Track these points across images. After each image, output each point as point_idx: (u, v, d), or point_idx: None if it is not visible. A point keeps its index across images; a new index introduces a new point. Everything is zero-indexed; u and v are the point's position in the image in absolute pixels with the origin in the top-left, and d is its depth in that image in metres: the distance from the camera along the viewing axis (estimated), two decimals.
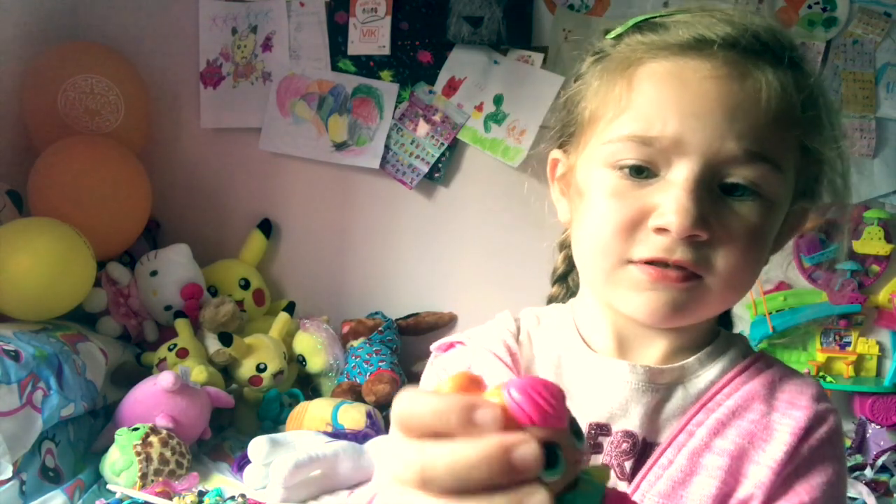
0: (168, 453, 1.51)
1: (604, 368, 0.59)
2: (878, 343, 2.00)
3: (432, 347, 0.67)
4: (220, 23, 2.19)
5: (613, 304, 0.57)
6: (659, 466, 0.55)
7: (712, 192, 0.52)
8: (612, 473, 0.56)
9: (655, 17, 0.57)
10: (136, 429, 1.53)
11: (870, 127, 1.93)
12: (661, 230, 0.52)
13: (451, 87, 2.09)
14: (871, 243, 1.94)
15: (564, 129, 0.63)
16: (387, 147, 2.12)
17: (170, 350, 1.82)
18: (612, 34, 0.60)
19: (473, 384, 0.34)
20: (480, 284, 2.16)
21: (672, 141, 0.52)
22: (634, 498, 0.54)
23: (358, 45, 2.11)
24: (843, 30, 1.94)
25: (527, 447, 0.30)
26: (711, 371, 0.59)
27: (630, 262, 0.54)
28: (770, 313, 1.96)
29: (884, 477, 1.64)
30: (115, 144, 1.95)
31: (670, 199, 0.52)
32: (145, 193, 2.01)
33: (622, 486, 0.56)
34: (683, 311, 0.54)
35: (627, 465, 0.56)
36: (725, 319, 0.68)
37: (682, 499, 0.54)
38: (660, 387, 0.58)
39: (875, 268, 1.98)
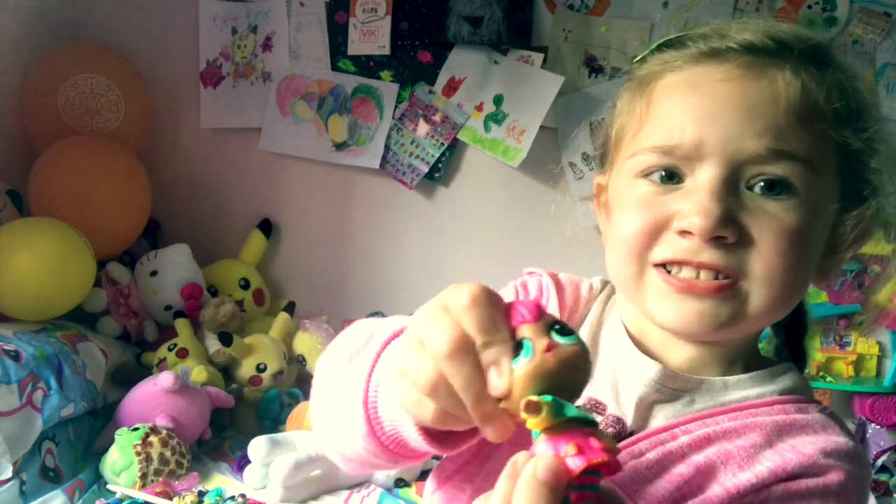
0: (168, 453, 1.51)
1: (625, 354, 0.59)
2: (878, 343, 2.00)
3: (525, 271, 0.70)
4: (220, 23, 2.19)
5: (646, 311, 0.56)
6: (628, 453, 0.55)
7: (740, 193, 0.52)
8: None
9: (678, 37, 0.58)
10: (136, 429, 1.53)
11: None
12: (684, 233, 0.52)
13: (451, 87, 2.09)
14: (872, 243, 1.93)
15: (601, 153, 0.65)
16: (387, 147, 2.12)
17: (170, 350, 1.82)
18: (638, 58, 0.61)
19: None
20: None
21: (692, 146, 0.52)
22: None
23: (358, 45, 2.11)
24: (843, 30, 1.94)
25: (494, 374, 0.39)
26: (732, 396, 0.57)
27: (653, 265, 0.54)
28: None
29: (884, 477, 1.65)
30: (115, 144, 1.95)
31: (693, 201, 0.51)
32: (145, 193, 2.01)
33: None
34: (725, 324, 0.53)
35: None
36: (797, 353, 0.65)
37: (636, 493, 0.53)
38: (666, 390, 0.57)
39: (875, 268, 1.98)
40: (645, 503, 0.53)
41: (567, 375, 0.39)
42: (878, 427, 1.84)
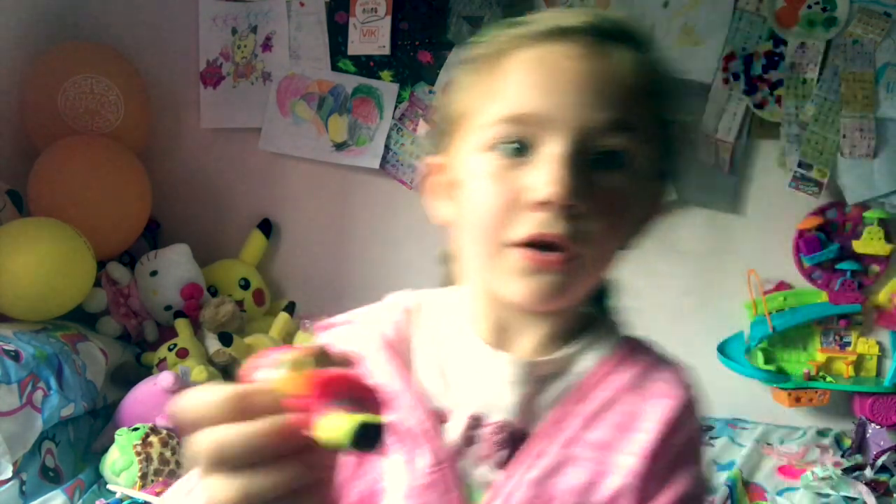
0: (168, 453, 1.51)
1: (484, 360, 0.60)
2: (878, 343, 2.00)
3: (315, 325, 0.69)
4: (220, 23, 2.19)
5: (496, 289, 0.57)
6: (530, 456, 0.57)
7: (585, 164, 0.54)
8: (490, 462, 0.58)
9: (520, 20, 0.60)
10: (136, 429, 1.53)
11: (870, 127, 1.93)
12: (538, 204, 0.53)
13: None
14: (871, 243, 1.94)
15: (438, 134, 0.65)
16: (387, 147, 2.12)
17: (170, 350, 1.82)
18: (479, 38, 0.62)
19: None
20: None
21: (542, 118, 0.54)
22: (507, 487, 0.56)
23: (358, 45, 2.11)
24: (843, 30, 1.94)
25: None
26: (588, 361, 0.60)
27: (510, 244, 0.55)
28: (770, 313, 1.97)
29: (884, 477, 1.64)
30: (115, 144, 1.95)
31: (546, 172, 0.53)
32: (145, 193, 2.01)
33: (497, 476, 0.57)
34: (564, 292, 0.56)
35: (503, 454, 0.58)
36: (601, 302, 0.68)
37: (552, 488, 0.56)
38: (538, 378, 0.59)
39: (875, 268, 1.98)
40: (568, 495, 0.55)
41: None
42: (878, 427, 1.84)
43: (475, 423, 0.58)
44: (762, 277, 1.99)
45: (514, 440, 0.58)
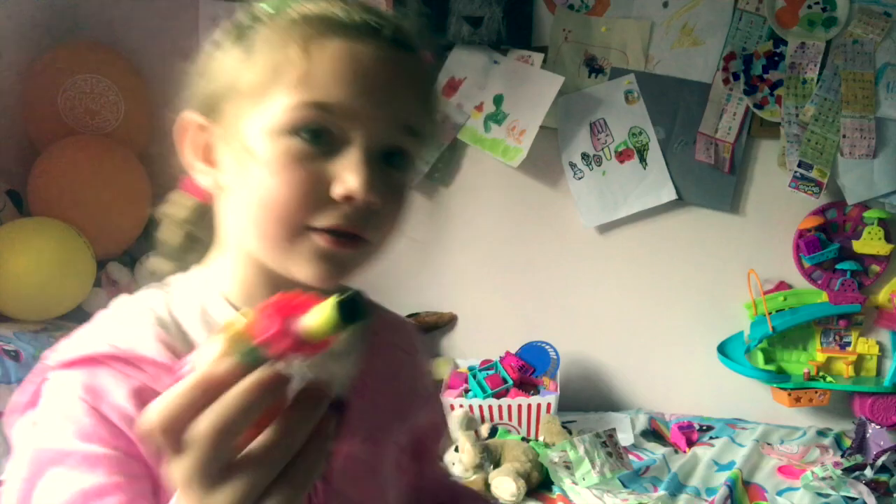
0: None
1: None
2: (878, 343, 2.00)
3: (54, 360, 0.58)
4: (220, 23, 2.18)
5: (288, 270, 0.57)
6: (354, 419, 0.62)
7: (381, 162, 0.57)
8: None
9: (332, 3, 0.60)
10: None
11: (870, 127, 1.93)
12: (345, 198, 0.55)
13: (451, 87, 2.09)
14: (871, 243, 1.94)
15: (208, 96, 0.63)
16: None
17: None
18: (266, 6, 0.62)
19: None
20: (480, 284, 2.16)
21: (350, 112, 0.55)
22: (343, 453, 0.61)
23: None
24: (843, 30, 1.94)
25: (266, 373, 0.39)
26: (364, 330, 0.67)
27: (309, 229, 0.56)
28: (770, 313, 1.97)
29: (884, 477, 1.64)
30: (115, 144, 1.95)
31: (352, 168, 0.55)
32: (145, 193, 2.01)
33: (332, 444, 0.59)
34: (352, 273, 0.60)
35: (332, 423, 0.59)
36: None
37: (379, 440, 0.65)
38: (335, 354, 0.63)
39: (875, 268, 1.98)
40: (393, 443, 0.67)
41: None
42: (878, 427, 1.84)
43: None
44: (762, 277, 1.99)
45: (337, 408, 0.60)
